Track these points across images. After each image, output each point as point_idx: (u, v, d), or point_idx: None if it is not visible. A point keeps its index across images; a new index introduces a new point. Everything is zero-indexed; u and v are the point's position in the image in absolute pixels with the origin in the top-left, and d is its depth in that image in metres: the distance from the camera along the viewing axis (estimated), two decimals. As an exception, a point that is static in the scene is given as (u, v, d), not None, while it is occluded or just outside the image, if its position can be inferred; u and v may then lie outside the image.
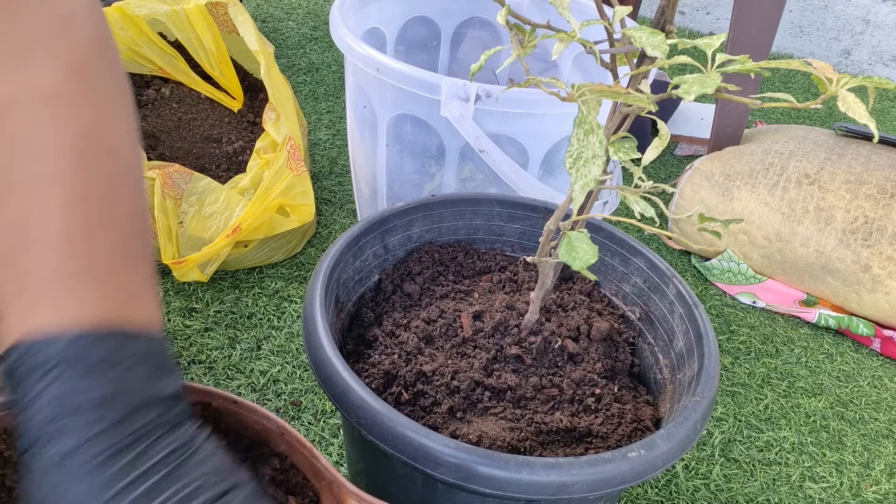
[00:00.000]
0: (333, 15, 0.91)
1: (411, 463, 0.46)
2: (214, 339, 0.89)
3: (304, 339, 0.54)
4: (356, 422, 0.48)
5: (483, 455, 0.45)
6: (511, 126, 0.83)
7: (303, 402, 0.83)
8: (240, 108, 1.12)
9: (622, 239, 0.68)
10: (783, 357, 1.02)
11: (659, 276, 0.65)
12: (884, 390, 0.99)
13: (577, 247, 0.47)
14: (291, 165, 1.01)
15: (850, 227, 1.06)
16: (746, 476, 0.84)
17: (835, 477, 0.85)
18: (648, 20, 2.17)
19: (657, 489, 0.80)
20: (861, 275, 1.05)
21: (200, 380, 0.83)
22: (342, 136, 1.34)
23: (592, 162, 0.32)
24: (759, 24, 1.16)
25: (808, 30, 2.08)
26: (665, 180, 1.38)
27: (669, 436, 0.49)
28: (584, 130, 0.33)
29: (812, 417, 0.93)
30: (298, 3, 1.86)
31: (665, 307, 0.64)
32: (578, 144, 0.33)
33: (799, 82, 1.87)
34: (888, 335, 1.05)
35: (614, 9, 0.36)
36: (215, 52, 1.04)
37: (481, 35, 1.17)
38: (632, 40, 0.35)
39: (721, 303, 1.11)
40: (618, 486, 0.47)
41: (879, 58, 2.03)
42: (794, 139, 1.20)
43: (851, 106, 0.30)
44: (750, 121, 1.57)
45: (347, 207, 1.16)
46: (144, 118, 1.08)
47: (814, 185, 1.10)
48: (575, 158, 0.33)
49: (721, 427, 0.89)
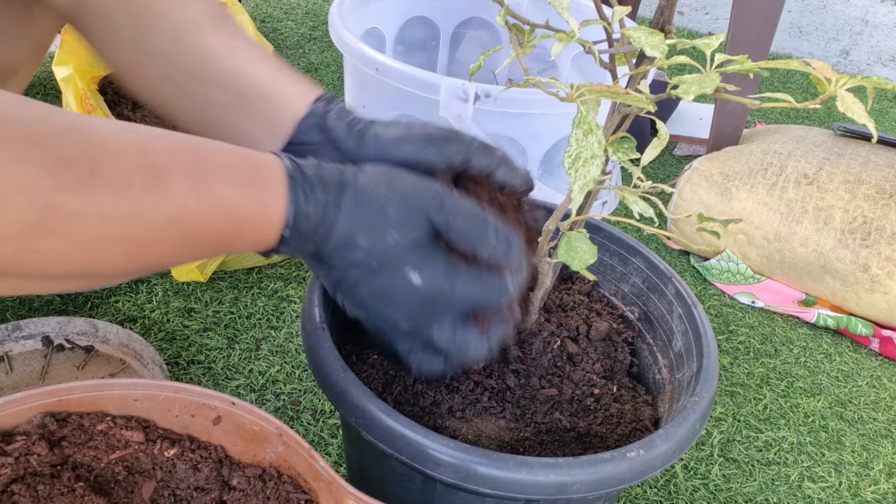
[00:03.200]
0: (332, 15, 0.91)
1: (410, 463, 0.46)
2: (213, 339, 0.89)
3: (303, 339, 0.54)
4: (355, 422, 0.48)
5: (482, 455, 0.45)
6: (510, 126, 0.83)
7: (302, 403, 0.83)
8: (239, 108, 1.12)
9: (621, 239, 0.68)
10: (782, 357, 1.02)
11: (658, 275, 0.65)
12: (882, 390, 0.99)
13: (577, 247, 0.47)
14: (290, 165, 1.01)
15: (848, 227, 1.06)
16: (745, 476, 0.84)
17: (834, 477, 0.85)
18: (647, 20, 2.17)
19: (656, 489, 0.80)
20: (860, 275, 1.05)
21: (199, 380, 0.83)
22: (341, 136, 1.34)
23: (591, 162, 0.32)
24: (758, 24, 1.16)
25: (807, 30, 2.08)
26: (664, 180, 1.38)
27: (668, 436, 0.49)
28: (582, 131, 0.33)
29: (811, 417, 0.93)
30: (297, 3, 1.86)
31: (664, 307, 0.64)
32: (577, 145, 0.33)
33: (798, 82, 1.87)
34: (887, 335, 1.05)
35: (613, 9, 0.36)
36: (214, 52, 1.03)
37: (480, 35, 1.17)
38: (631, 40, 0.35)
39: (720, 303, 1.11)
40: (617, 486, 0.47)
41: (878, 58, 2.03)
42: (793, 139, 1.20)
43: (850, 106, 0.30)
44: (749, 121, 1.57)
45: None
46: (143, 119, 1.08)
47: (812, 185, 1.11)
48: (574, 159, 0.33)
49: (720, 427, 0.89)
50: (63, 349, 0.81)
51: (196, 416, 0.48)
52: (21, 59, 0.62)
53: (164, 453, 0.48)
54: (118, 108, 1.08)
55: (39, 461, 0.45)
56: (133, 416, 0.48)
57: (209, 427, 0.48)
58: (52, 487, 0.44)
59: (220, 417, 0.48)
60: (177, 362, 0.85)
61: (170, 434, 0.48)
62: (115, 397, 0.47)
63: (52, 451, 0.45)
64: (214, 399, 0.47)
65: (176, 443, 0.48)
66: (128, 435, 0.47)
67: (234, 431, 0.48)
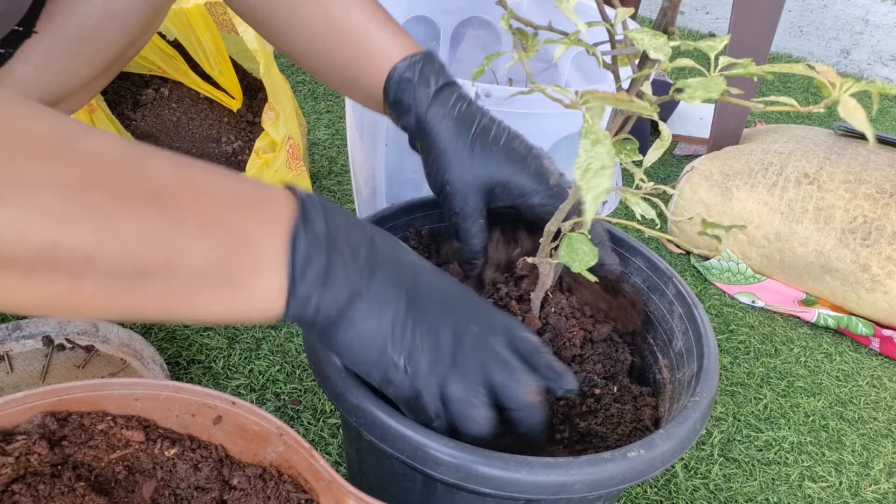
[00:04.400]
0: (333, 14, 0.90)
1: (411, 463, 0.46)
2: (213, 338, 0.89)
3: (304, 338, 0.54)
4: (355, 422, 0.48)
5: (482, 455, 0.45)
6: (510, 125, 0.83)
7: (302, 402, 0.83)
8: (239, 107, 1.12)
9: (621, 239, 0.68)
10: (782, 357, 1.02)
11: (658, 275, 0.65)
12: (883, 390, 0.99)
13: (578, 248, 0.47)
14: (291, 165, 1.01)
15: (849, 227, 1.06)
16: (746, 475, 0.84)
17: (834, 476, 0.85)
18: (647, 20, 2.17)
19: (656, 489, 0.80)
20: (860, 274, 1.05)
21: (199, 380, 0.83)
22: (341, 135, 1.34)
23: (602, 173, 0.32)
24: (759, 24, 1.16)
25: (808, 29, 2.08)
26: (664, 179, 1.38)
27: (669, 435, 0.49)
28: (591, 141, 0.33)
29: (811, 417, 0.93)
30: (297, 3, 1.85)
31: (664, 307, 0.64)
32: (587, 155, 0.33)
33: (798, 82, 1.87)
34: (887, 335, 1.05)
35: (616, 10, 0.36)
36: (214, 51, 1.03)
37: (480, 35, 1.17)
38: (634, 42, 0.35)
39: (720, 302, 1.11)
40: (617, 486, 0.47)
41: (878, 57, 2.03)
42: (794, 139, 1.20)
43: (852, 112, 0.30)
44: (749, 120, 1.57)
45: (347, 207, 1.16)
46: (143, 118, 1.08)
47: (813, 184, 1.10)
48: (584, 170, 0.32)
49: (720, 427, 0.89)
50: (63, 349, 0.81)
51: (196, 415, 0.48)
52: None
53: (165, 453, 0.48)
54: (119, 108, 1.08)
55: (40, 461, 0.45)
56: (133, 415, 0.48)
57: (209, 427, 0.48)
58: (52, 487, 0.44)
59: (220, 417, 0.48)
60: (177, 362, 0.85)
61: (170, 434, 0.48)
62: (115, 397, 0.47)
63: (52, 450, 0.45)
64: (215, 399, 0.47)
65: (176, 442, 0.48)
66: (128, 434, 0.47)
67: (235, 431, 0.48)
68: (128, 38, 0.67)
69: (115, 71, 0.72)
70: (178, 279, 0.37)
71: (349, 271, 0.42)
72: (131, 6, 0.65)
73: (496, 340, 0.46)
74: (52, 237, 0.32)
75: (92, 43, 0.64)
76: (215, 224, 0.38)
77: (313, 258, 0.40)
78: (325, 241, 0.41)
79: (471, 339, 0.45)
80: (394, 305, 0.43)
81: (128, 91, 1.10)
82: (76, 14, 0.62)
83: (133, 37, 0.67)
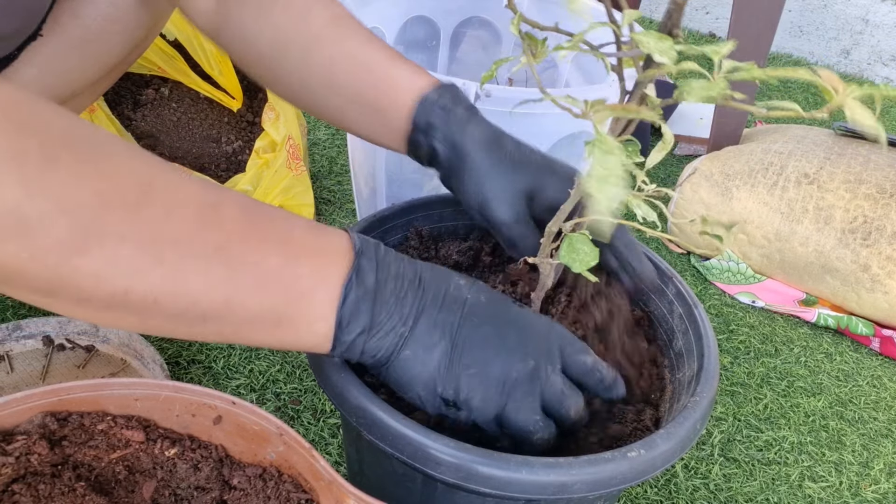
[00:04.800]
0: (333, 14, 0.90)
1: (411, 463, 0.46)
2: (214, 338, 0.89)
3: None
4: (356, 422, 0.48)
5: (483, 454, 0.45)
6: (511, 126, 0.83)
7: (302, 402, 0.83)
8: (239, 107, 1.12)
9: (622, 239, 0.68)
10: (782, 356, 1.02)
11: (658, 275, 0.65)
12: (883, 390, 0.99)
13: (579, 248, 0.47)
14: (291, 165, 1.01)
15: (849, 227, 1.06)
16: (746, 475, 0.84)
17: (834, 476, 0.85)
18: (646, 19, 2.17)
19: (657, 489, 0.80)
20: (860, 274, 1.05)
21: (200, 380, 0.83)
22: (342, 135, 1.34)
23: (616, 183, 0.32)
24: (759, 24, 1.16)
25: (808, 29, 2.08)
26: (664, 179, 1.38)
27: (669, 435, 0.49)
28: (602, 151, 0.33)
29: (811, 417, 0.93)
30: (297, 2, 1.85)
31: (665, 307, 0.64)
32: (599, 166, 0.33)
33: (798, 82, 1.87)
34: (887, 335, 1.05)
35: (623, 12, 0.36)
36: (214, 51, 1.03)
37: (480, 34, 1.17)
38: (639, 45, 0.34)
39: (720, 302, 1.11)
40: (617, 486, 0.46)
41: (879, 57, 2.03)
42: (794, 139, 1.20)
43: (859, 115, 0.30)
44: (749, 120, 1.57)
45: (347, 207, 1.16)
46: (143, 118, 1.08)
47: (813, 184, 1.10)
48: (598, 180, 0.33)
49: (720, 426, 0.89)
50: (64, 349, 0.81)
51: (196, 415, 0.48)
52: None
53: (165, 453, 0.48)
54: (119, 108, 1.08)
55: (40, 461, 0.44)
56: (133, 415, 0.48)
57: (210, 426, 0.48)
58: (52, 487, 0.44)
59: (220, 417, 0.48)
60: (177, 362, 0.85)
61: (170, 433, 0.48)
62: (115, 397, 0.47)
63: (52, 450, 0.45)
64: (215, 398, 0.47)
65: (176, 442, 0.48)
66: (128, 434, 0.47)
67: (235, 431, 0.48)
68: (130, 42, 0.68)
69: (117, 73, 0.73)
70: (235, 320, 0.41)
71: (393, 320, 0.45)
72: (134, 11, 0.66)
73: (550, 369, 0.48)
74: (126, 285, 0.37)
75: (95, 46, 0.65)
76: (274, 275, 0.42)
77: (361, 311, 0.44)
78: (373, 294, 0.45)
79: (524, 372, 0.47)
80: (440, 347, 0.46)
81: (128, 91, 1.10)
82: (81, 18, 0.63)
83: (135, 41, 0.68)
